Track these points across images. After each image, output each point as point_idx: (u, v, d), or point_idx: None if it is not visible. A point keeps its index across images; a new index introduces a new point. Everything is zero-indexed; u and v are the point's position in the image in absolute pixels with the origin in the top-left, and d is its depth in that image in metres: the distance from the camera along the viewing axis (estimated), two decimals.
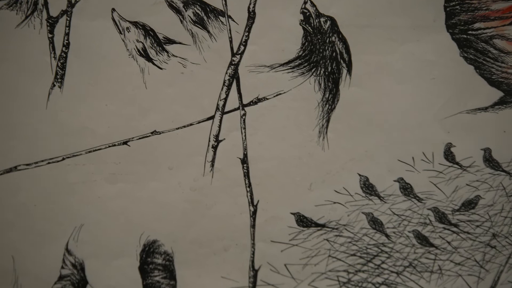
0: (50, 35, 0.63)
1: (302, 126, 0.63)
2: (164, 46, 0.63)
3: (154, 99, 0.63)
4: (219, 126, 0.63)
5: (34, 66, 0.63)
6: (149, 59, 0.63)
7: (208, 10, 0.63)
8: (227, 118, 0.63)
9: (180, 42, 0.63)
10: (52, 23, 0.63)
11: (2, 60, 0.62)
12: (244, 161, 0.63)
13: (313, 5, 0.62)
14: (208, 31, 0.63)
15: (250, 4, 0.61)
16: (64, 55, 0.62)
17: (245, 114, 0.63)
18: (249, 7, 0.61)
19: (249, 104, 0.63)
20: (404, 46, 0.62)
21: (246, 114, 0.63)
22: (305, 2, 0.61)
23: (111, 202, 0.62)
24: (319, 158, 0.63)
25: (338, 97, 0.63)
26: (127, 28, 0.62)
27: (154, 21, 0.63)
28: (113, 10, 0.62)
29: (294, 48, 0.63)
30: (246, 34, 0.62)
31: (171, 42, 0.63)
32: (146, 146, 0.63)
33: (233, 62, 0.62)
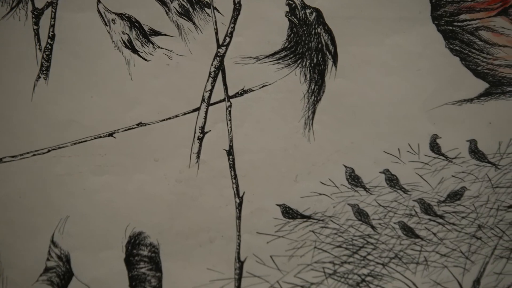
0: (36, 27, 0.62)
1: (287, 117, 0.63)
2: (149, 37, 0.63)
3: (140, 91, 0.62)
4: (205, 118, 0.62)
5: (19, 58, 0.62)
6: (134, 51, 0.63)
7: (193, 1, 0.63)
8: (213, 110, 0.63)
9: (165, 34, 0.63)
10: (37, 15, 0.62)
11: None
12: (229, 152, 0.63)
13: None
14: (193, 23, 0.63)
15: None
16: (49, 47, 0.62)
17: (230, 106, 0.63)
18: None
19: (234, 95, 0.63)
20: (389, 37, 0.62)
21: (232, 106, 0.63)
22: None
23: (97, 194, 0.62)
24: (305, 149, 0.63)
25: (323, 88, 0.63)
26: (113, 19, 0.62)
27: (139, 12, 0.63)
28: (98, 1, 0.62)
29: (279, 39, 0.63)
30: (232, 25, 0.62)
31: (157, 33, 0.63)
32: (131, 138, 0.63)
33: (218, 54, 0.62)
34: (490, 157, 0.63)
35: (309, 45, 0.63)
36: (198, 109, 0.62)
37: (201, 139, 0.62)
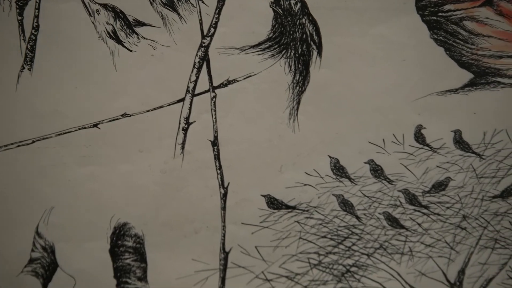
0: (20, 18, 0.62)
1: (272, 108, 0.63)
2: (134, 28, 0.63)
3: (124, 82, 0.62)
4: (190, 109, 0.62)
5: (3, 48, 0.62)
6: (119, 42, 0.63)
7: None
8: (198, 101, 0.63)
9: (150, 24, 0.63)
10: (21, 6, 0.62)
11: None
12: (214, 143, 0.62)
13: None
14: (178, 13, 0.63)
15: None
16: (33, 38, 0.62)
17: (215, 97, 0.62)
18: None
19: (219, 86, 0.63)
20: (374, 28, 0.62)
21: (217, 97, 0.62)
22: None
23: (82, 185, 0.62)
24: (290, 140, 0.63)
25: (308, 79, 0.63)
26: (97, 10, 0.62)
27: (124, 3, 0.62)
28: None
29: (264, 30, 0.62)
30: (216, 16, 0.62)
31: (141, 24, 0.63)
32: (116, 129, 0.62)
33: (203, 44, 0.62)
34: (475, 147, 0.63)
35: (293, 35, 0.63)
36: (182, 99, 0.62)
37: (185, 130, 0.62)
